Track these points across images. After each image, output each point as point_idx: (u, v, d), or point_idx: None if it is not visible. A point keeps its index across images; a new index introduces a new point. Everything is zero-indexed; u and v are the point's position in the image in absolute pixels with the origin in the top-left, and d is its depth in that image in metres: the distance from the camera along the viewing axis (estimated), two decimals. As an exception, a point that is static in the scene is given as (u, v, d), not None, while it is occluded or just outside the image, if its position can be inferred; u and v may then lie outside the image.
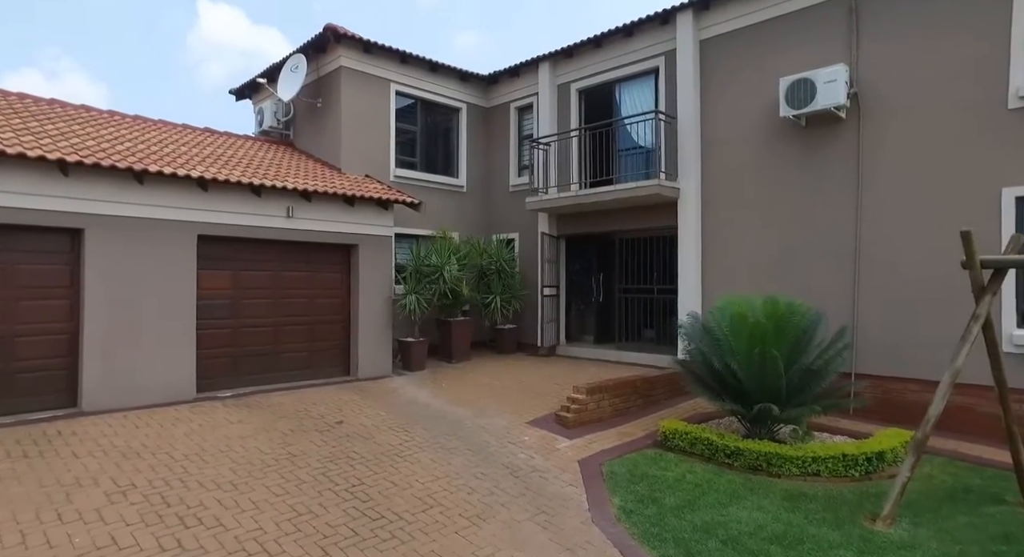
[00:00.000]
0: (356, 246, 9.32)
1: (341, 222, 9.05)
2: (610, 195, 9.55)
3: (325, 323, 9.17)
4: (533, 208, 10.94)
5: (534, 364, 10.51)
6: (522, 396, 8.20)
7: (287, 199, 8.33)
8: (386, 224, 9.62)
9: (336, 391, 8.31)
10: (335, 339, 9.29)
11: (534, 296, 11.60)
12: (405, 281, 9.86)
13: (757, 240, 8.61)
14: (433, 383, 9.05)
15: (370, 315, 9.39)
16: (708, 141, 9.21)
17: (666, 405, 8.25)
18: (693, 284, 9.26)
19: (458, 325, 10.67)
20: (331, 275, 9.26)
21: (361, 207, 9.25)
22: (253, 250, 8.32)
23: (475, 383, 9.03)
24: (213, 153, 8.64)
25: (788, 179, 8.28)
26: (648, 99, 10.27)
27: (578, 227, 11.19)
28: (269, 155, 9.89)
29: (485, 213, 12.90)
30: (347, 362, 9.42)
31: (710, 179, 9.18)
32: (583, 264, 12.18)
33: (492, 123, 12.91)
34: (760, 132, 8.58)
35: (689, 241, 9.29)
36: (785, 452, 5.72)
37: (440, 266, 9.89)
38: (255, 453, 5.61)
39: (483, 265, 11.38)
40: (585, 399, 7.25)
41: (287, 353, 8.69)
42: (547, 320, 11.09)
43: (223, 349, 7.98)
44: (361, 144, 10.72)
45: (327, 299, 9.21)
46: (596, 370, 9.80)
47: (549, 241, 11.22)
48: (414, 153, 11.85)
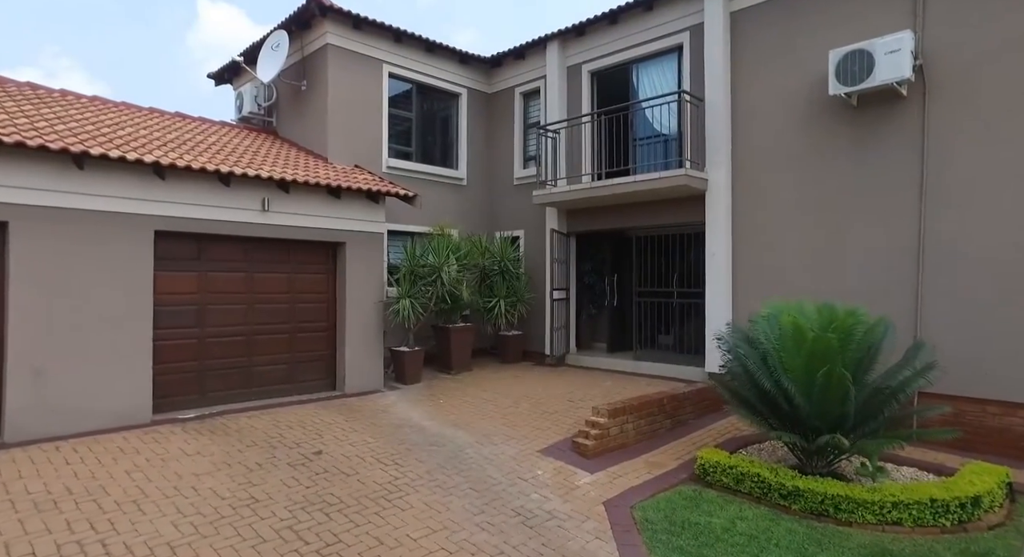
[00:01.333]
0: (343, 244, 8.28)
1: (325, 217, 8.00)
2: (628, 187, 8.51)
3: (308, 331, 8.12)
4: (540, 202, 9.89)
5: (542, 375, 9.47)
6: (531, 416, 7.16)
7: (262, 190, 7.28)
8: (377, 219, 8.57)
9: (318, 410, 7.25)
10: (319, 349, 8.24)
11: (541, 299, 10.56)
12: (398, 283, 8.81)
13: (798, 237, 7.57)
14: (430, 399, 8.01)
15: (359, 322, 8.34)
16: (740, 126, 8.17)
17: (696, 426, 7.21)
18: (722, 287, 8.22)
19: (458, 332, 9.63)
20: (314, 277, 8.21)
21: (348, 200, 8.20)
22: (223, 248, 7.27)
23: (477, 399, 7.98)
24: (179, 138, 7.58)
25: (835, 167, 7.24)
26: (670, 81, 9.22)
27: (590, 223, 10.15)
28: (246, 142, 8.84)
29: (487, 208, 11.85)
30: (333, 375, 8.37)
31: (743, 169, 8.14)
32: (594, 264, 11.13)
33: (495, 110, 11.86)
34: (801, 114, 7.54)
35: (718, 239, 8.25)
36: (856, 494, 4.68)
37: (437, 266, 8.84)
38: (209, 497, 4.55)
39: (485, 265, 10.33)
40: (606, 423, 6.20)
41: (263, 366, 7.64)
42: (556, 326, 10.05)
43: (187, 363, 6.92)
44: (350, 131, 9.66)
45: (310, 304, 8.16)
46: (612, 383, 8.76)
47: (558, 239, 10.17)
48: (409, 142, 10.79)
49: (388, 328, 9.00)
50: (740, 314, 8.08)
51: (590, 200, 9.32)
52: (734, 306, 8.21)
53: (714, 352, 8.18)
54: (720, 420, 7.47)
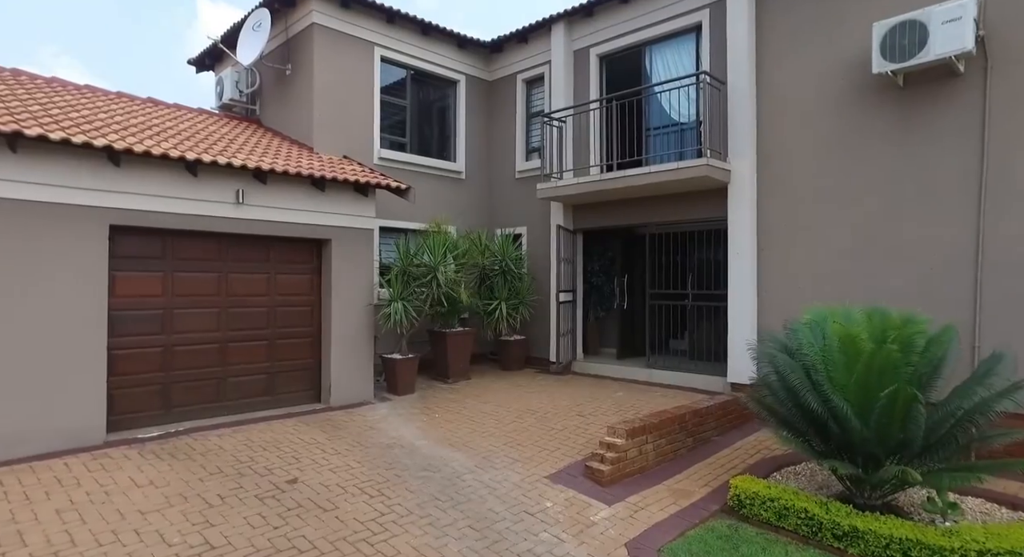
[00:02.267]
0: (328, 241, 7.50)
1: (308, 211, 7.22)
2: (643, 179, 7.74)
3: (289, 338, 7.35)
4: (545, 197, 9.13)
5: (547, 385, 8.70)
6: (537, 433, 6.39)
7: (235, 180, 6.50)
8: (366, 214, 7.79)
9: (299, 427, 6.48)
10: (302, 358, 7.47)
11: (545, 302, 9.78)
12: (390, 285, 8.04)
13: (833, 234, 6.81)
14: (424, 412, 7.24)
15: (346, 327, 7.57)
16: (766, 112, 7.41)
17: (720, 444, 6.45)
18: (747, 289, 7.46)
19: (455, 337, 8.86)
20: (297, 277, 7.43)
21: (334, 193, 7.42)
22: (193, 246, 6.49)
23: (476, 412, 7.21)
24: (145, 123, 6.80)
25: (876, 156, 6.48)
26: (686, 65, 8.46)
27: (598, 220, 9.38)
28: (224, 130, 8.06)
29: (487, 204, 11.08)
30: (317, 386, 7.60)
31: (769, 158, 7.37)
32: (602, 264, 10.37)
33: (496, 98, 11.09)
34: (837, 98, 6.78)
35: (743, 236, 7.49)
36: (930, 539, 3.91)
37: (433, 266, 8.07)
38: (154, 545, 3.78)
39: (485, 265, 9.56)
40: (624, 445, 5.44)
41: (239, 377, 6.86)
42: (562, 332, 9.28)
43: (149, 374, 6.15)
44: (338, 119, 8.89)
45: (292, 307, 7.38)
46: (624, 394, 7.99)
47: (565, 236, 9.41)
48: (403, 132, 10.02)
49: (379, 333, 8.24)
50: (767, 319, 7.32)
51: (600, 194, 8.56)
52: (760, 310, 7.45)
53: (738, 361, 7.43)
54: (746, 437, 6.72)
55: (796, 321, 5.38)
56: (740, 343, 7.41)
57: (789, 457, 5.99)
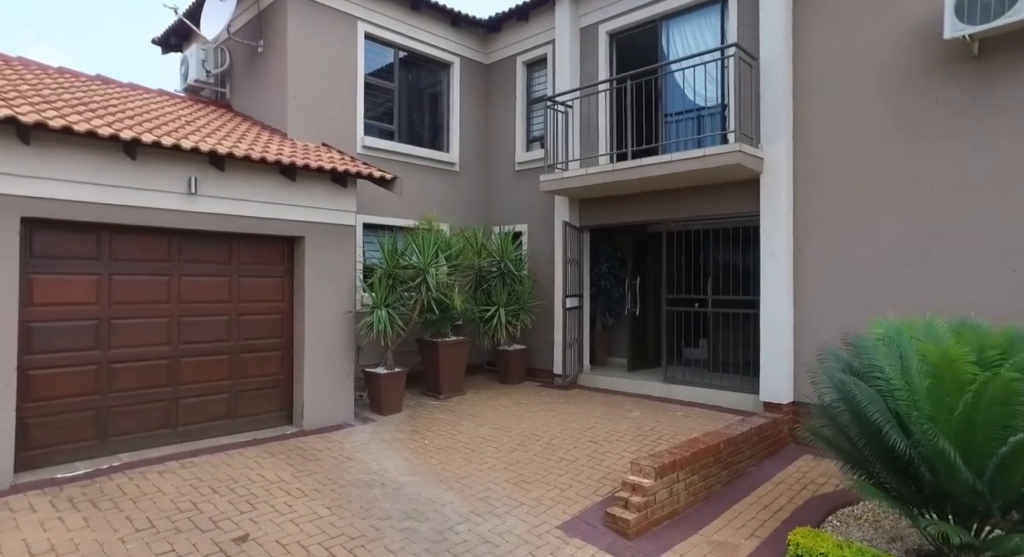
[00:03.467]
0: (301, 239, 6.50)
1: (277, 204, 6.22)
2: (662, 168, 6.77)
3: (256, 351, 6.34)
4: (549, 190, 8.15)
5: (552, 402, 7.71)
6: (544, 465, 5.41)
7: (187, 166, 5.49)
8: (345, 208, 6.79)
9: (262, 458, 5.47)
10: (270, 373, 6.46)
11: (548, 307, 8.81)
12: (372, 289, 7.03)
13: (888, 231, 5.86)
14: (411, 437, 6.24)
15: (323, 338, 6.56)
16: (806, 90, 6.46)
17: (758, 477, 5.49)
18: (782, 295, 6.50)
19: (448, 348, 7.86)
20: (264, 281, 6.43)
21: (307, 183, 6.42)
22: (136, 244, 5.48)
23: (472, 437, 6.22)
24: (79, 99, 5.78)
25: (943, 137, 5.54)
26: (709, 41, 7.50)
27: (607, 216, 8.41)
28: (183, 111, 7.04)
29: (484, 199, 10.09)
30: (289, 406, 6.59)
31: (809, 144, 6.42)
32: (611, 265, 9.40)
33: (493, 83, 10.11)
34: (892, 72, 5.84)
35: (777, 234, 6.53)
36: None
37: (422, 268, 7.07)
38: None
39: (481, 266, 8.58)
40: (652, 486, 4.46)
41: (193, 398, 5.85)
42: (568, 341, 8.29)
43: (80, 398, 5.13)
44: (316, 103, 7.88)
45: (259, 316, 6.38)
46: (640, 414, 7.02)
47: (571, 234, 8.42)
48: (391, 119, 9.02)
49: (363, 343, 7.24)
50: (807, 330, 6.38)
51: (611, 186, 7.58)
52: (797, 320, 6.49)
53: (772, 377, 6.48)
54: (785, 467, 5.77)
55: (860, 336, 4.44)
56: (775, 357, 6.47)
57: (844, 495, 5.05)
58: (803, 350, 6.39)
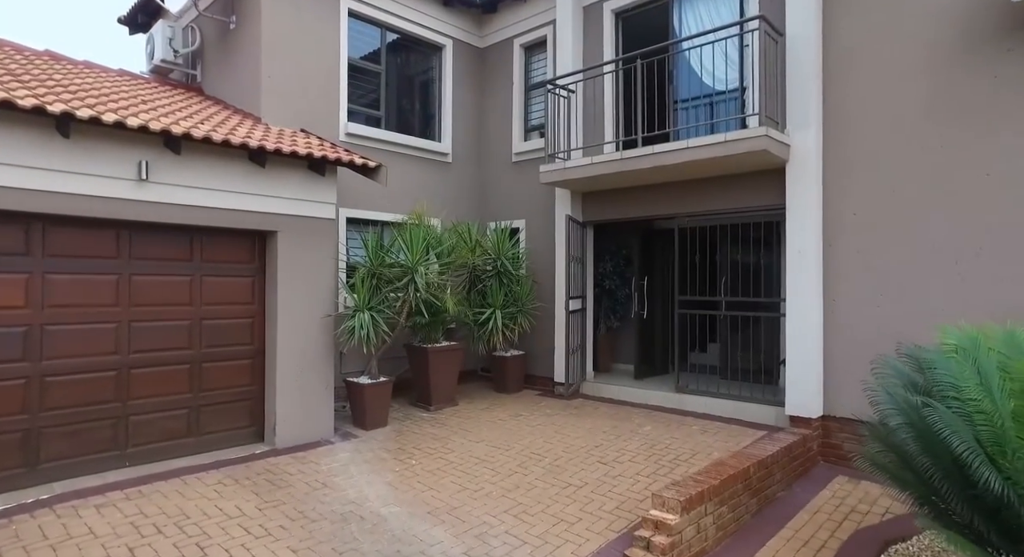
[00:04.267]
0: (274, 234, 5.78)
1: (245, 194, 5.49)
2: (677, 156, 6.10)
3: (221, 359, 5.61)
4: (549, 181, 7.45)
5: (554, 414, 7.02)
6: (549, 492, 4.71)
7: (135, 149, 4.76)
8: (323, 200, 6.07)
9: (224, 486, 4.75)
10: (239, 384, 5.73)
11: (549, 309, 8.13)
12: (354, 290, 6.30)
13: (938, 225, 5.22)
14: (397, 457, 5.53)
15: (298, 344, 5.85)
16: (839, 69, 5.80)
17: (791, 504, 4.84)
18: (810, 296, 5.84)
19: (439, 355, 7.16)
20: (232, 281, 5.70)
21: (280, 171, 5.70)
22: (75, 238, 4.74)
23: (466, 457, 5.52)
24: (11, 70, 5.02)
25: (1003, 119, 4.89)
26: (725, 17, 6.83)
27: (612, 210, 7.73)
28: (142, 91, 6.30)
29: (478, 192, 9.39)
30: (260, 421, 5.87)
31: (843, 129, 5.77)
32: (616, 264, 8.72)
33: (489, 67, 9.41)
34: (946, 42, 5.19)
35: (805, 229, 5.87)
36: None
37: (411, 266, 6.35)
38: None
39: (476, 265, 7.88)
40: (678, 523, 3.78)
41: (146, 415, 5.11)
42: (572, 347, 7.60)
43: (2, 419, 4.38)
44: (293, 85, 7.15)
45: (226, 320, 5.65)
46: (652, 428, 6.34)
47: (575, 230, 7.73)
48: (377, 105, 8.29)
49: (346, 349, 6.52)
50: (839, 336, 5.73)
51: (617, 178, 6.89)
52: (827, 324, 5.83)
53: (800, 389, 5.82)
54: (819, 491, 5.13)
55: (922, 347, 3.78)
56: (802, 366, 5.81)
57: (894, 528, 4.42)
58: (835, 358, 5.74)
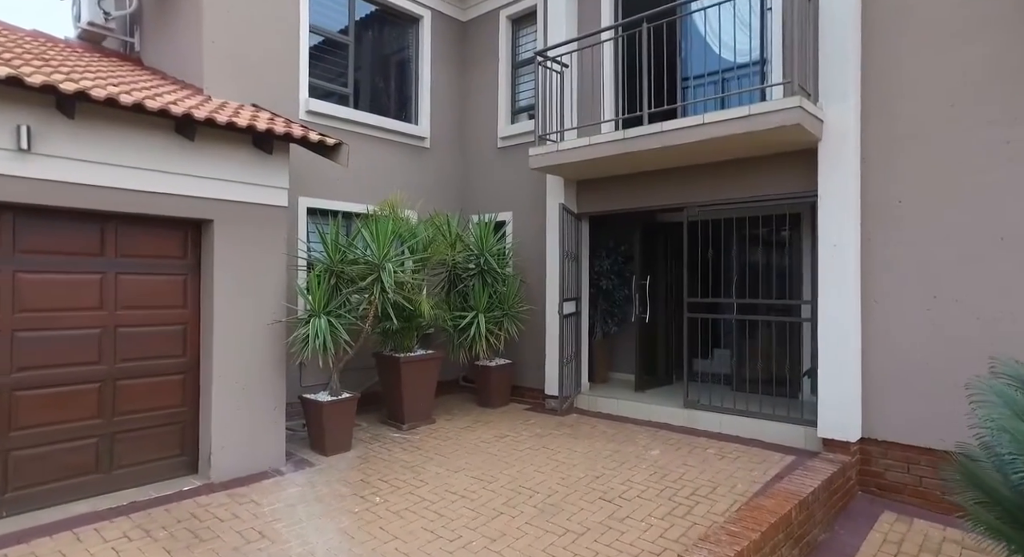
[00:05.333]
0: (209, 223, 4.79)
1: (171, 174, 4.49)
2: (691, 134, 5.20)
3: (143, 376, 4.60)
4: (540, 167, 6.53)
5: (546, 434, 6.09)
6: (542, 541, 3.77)
7: (12, 110, 3.74)
8: (272, 183, 5.08)
9: (126, 540, 3.74)
10: (166, 406, 4.72)
11: (539, 312, 7.22)
12: (310, 291, 5.30)
13: (1004, 214, 4.38)
14: (358, 493, 4.55)
15: (240, 356, 4.86)
16: (883, 31, 4.95)
17: (836, 551, 3.96)
18: (846, 298, 4.98)
19: (413, 366, 6.20)
20: (157, 280, 4.69)
21: (216, 147, 4.70)
22: (-60, 225, 3.71)
23: (441, 492, 4.56)
24: None
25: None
26: (742, -23, 5.95)
27: (610, 200, 6.83)
28: (51, 51, 5.25)
29: (460, 181, 8.45)
30: (193, 450, 4.86)
31: (885, 102, 4.91)
32: (614, 262, 7.81)
33: (472, 43, 8.46)
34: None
35: (841, 219, 5.01)
36: None
37: (377, 262, 5.37)
38: None
39: (456, 262, 6.93)
40: (717, 599, 2.87)
41: (35, 448, 4.09)
42: (566, 356, 6.67)
43: None
44: (243, 52, 6.14)
45: (149, 328, 4.64)
46: (661, 452, 5.43)
47: (569, 222, 6.81)
48: (344, 80, 7.30)
49: (304, 360, 5.53)
50: (879, 344, 4.88)
51: (621, 160, 5.98)
52: (867, 329, 4.97)
53: (834, 407, 4.95)
54: (866, 533, 4.27)
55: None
56: (838, 379, 4.95)
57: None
58: (875, 370, 4.89)
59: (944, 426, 4.39)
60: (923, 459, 4.60)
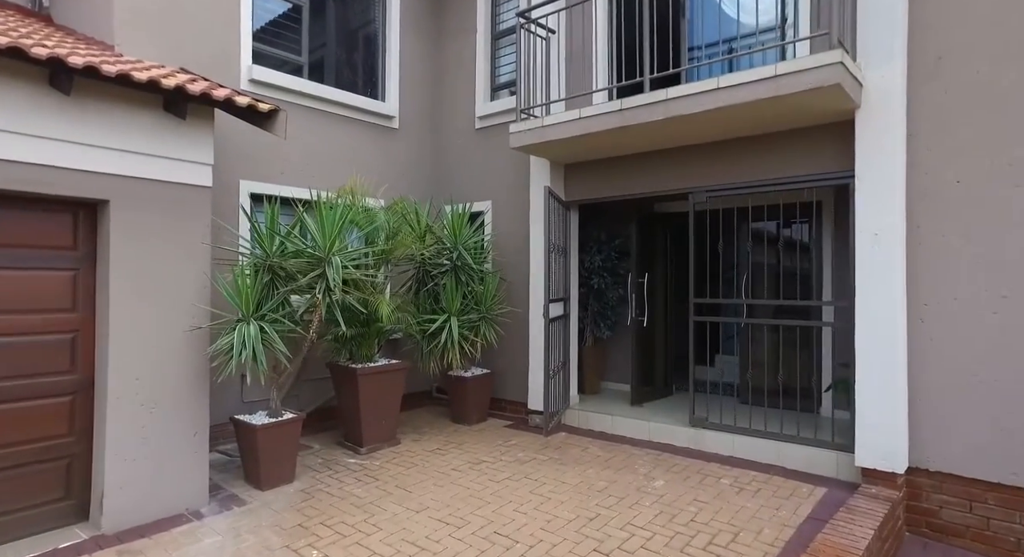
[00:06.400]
0: (105, 205, 3.80)
1: (47, 139, 3.50)
2: (702, 101, 4.31)
3: (17, 399, 3.59)
4: (522, 145, 5.61)
5: (529, 459, 5.17)
6: (522, 626, 2.85)
7: None
8: (191, 157, 4.09)
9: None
10: (47, 436, 3.72)
11: (522, 316, 6.31)
12: (238, 291, 4.29)
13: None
14: (290, 546, 3.58)
15: (146, 371, 3.88)
16: (931, -24, 4.11)
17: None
18: (889, 296, 4.13)
19: (373, 379, 5.25)
20: (36, 276, 3.69)
21: (111, 108, 3.72)
22: None
23: (398, 544, 3.61)
24: None
25: None
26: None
27: (603, 186, 5.93)
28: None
29: (432, 165, 7.50)
30: (83, 492, 3.87)
31: (939, 63, 4.07)
32: (608, 258, 6.91)
33: (447, 10, 7.52)
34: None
35: (883, 203, 4.16)
36: None
37: (322, 255, 4.40)
38: None
39: (425, 259, 5.98)
40: None
41: None
42: (552, 366, 5.75)
43: None
44: (167, 7, 5.14)
45: (25, 337, 3.64)
46: (667, 484, 4.54)
47: (556, 211, 5.89)
48: (298, 48, 6.32)
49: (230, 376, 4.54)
50: (932, 353, 4.03)
51: (617, 136, 5.08)
52: (915, 336, 4.13)
53: (878, 427, 4.08)
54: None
55: None
56: (880, 395, 4.10)
57: None
58: (926, 386, 4.05)
59: (1020, 457, 3.56)
60: (990, 496, 3.76)
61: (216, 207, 4.84)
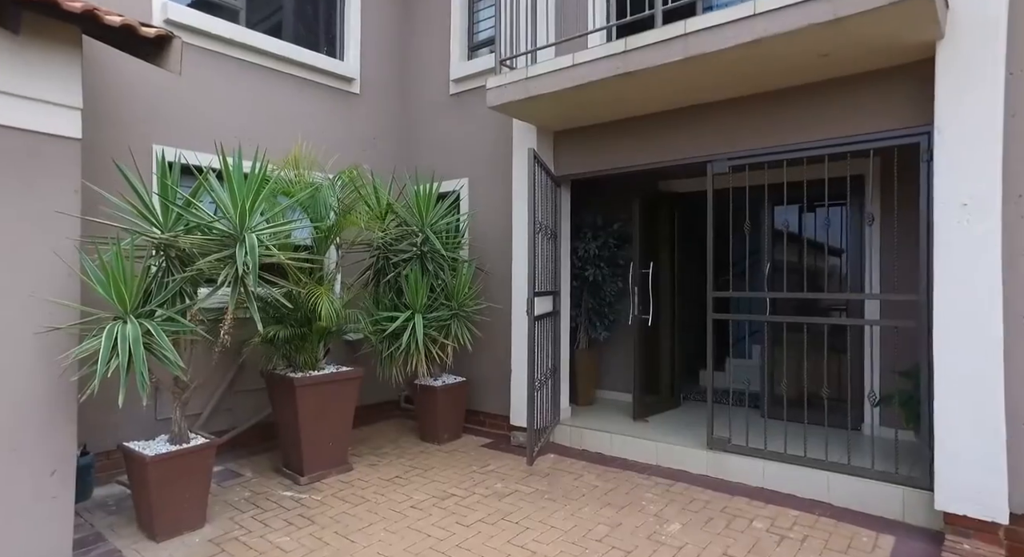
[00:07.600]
0: (-94, 156, 2.70)
1: None
2: (736, 33, 3.29)
3: None
4: (502, 103, 4.55)
5: (510, 492, 4.12)
6: None
7: None
8: (38, 94, 2.98)
9: None
10: None
11: (504, 312, 5.27)
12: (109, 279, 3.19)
13: None
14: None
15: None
16: None
17: None
18: (980, 287, 3.13)
19: (316, 391, 4.18)
20: None
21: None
22: None
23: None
24: None
25: None
26: None
27: (600, 157, 4.89)
28: None
29: (400, 136, 6.42)
30: None
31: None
32: (605, 244, 5.87)
33: (416, -44, 6.45)
34: None
35: (973, 165, 3.16)
36: None
37: (234, 232, 3.31)
38: None
39: (386, 243, 4.91)
40: None
41: None
42: (540, 374, 4.69)
43: None
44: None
45: None
46: (684, 528, 3.51)
47: (544, 184, 4.82)
48: (233, -12, 5.22)
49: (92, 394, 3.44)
50: None
51: (619, 89, 4.05)
52: (1013, 342, 3.13)
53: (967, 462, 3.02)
54: None
55: None
56: (966, 419, 3.10)
57: None
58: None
59: None
60: None
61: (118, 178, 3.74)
